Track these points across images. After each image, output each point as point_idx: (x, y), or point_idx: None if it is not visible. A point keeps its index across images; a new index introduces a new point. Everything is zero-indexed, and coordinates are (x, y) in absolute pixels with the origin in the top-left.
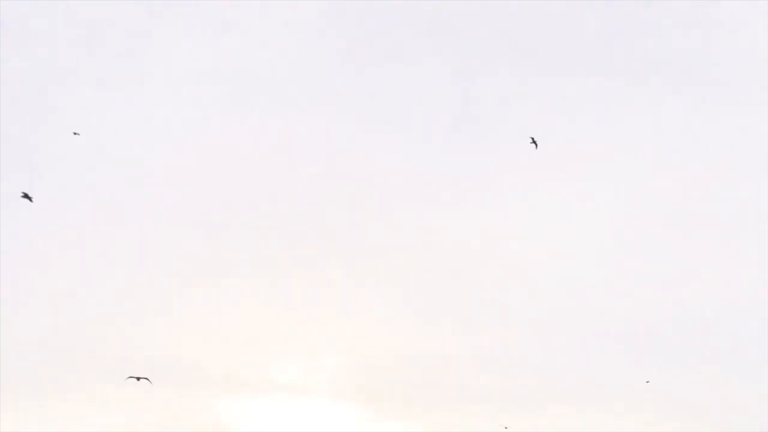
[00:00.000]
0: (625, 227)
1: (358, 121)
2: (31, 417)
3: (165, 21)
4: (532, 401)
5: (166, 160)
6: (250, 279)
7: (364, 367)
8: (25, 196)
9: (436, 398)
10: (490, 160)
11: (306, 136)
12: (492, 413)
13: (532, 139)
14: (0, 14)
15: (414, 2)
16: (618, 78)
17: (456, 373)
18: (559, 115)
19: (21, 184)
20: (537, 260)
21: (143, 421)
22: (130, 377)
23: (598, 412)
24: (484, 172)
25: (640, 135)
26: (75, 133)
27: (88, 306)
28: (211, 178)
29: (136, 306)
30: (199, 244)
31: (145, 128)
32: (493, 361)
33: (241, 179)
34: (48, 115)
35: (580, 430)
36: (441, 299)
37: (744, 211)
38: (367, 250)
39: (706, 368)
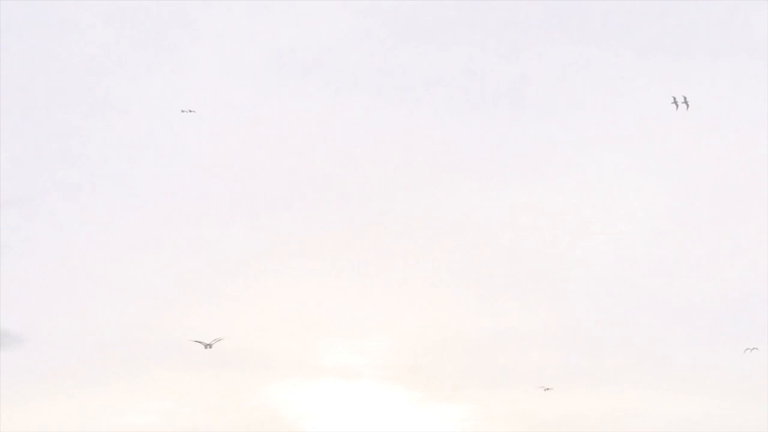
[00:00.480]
0: (684, 202)
1: (410, 101)
2: (90, 403)
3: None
4: (587, 380)
5: (218, 147)
6: (299, 263)
7: (414, 349)
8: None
9: (487, 379)
10: (544, 136)
11: (358, 117)
12: (544, 395)
13: (674, 98)
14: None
15: None
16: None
17: (508, 353)
18: (614, 89)
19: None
20: (592, 237)
21: (194, 404)
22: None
23: (657, 391)
24: (537, 150)
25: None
26: (188, 111)
27: (142, 294)
28: (264, 164)
29: (188, 293)
30: (249, 231)
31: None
32: (546, 340)
33: (293, 164)
34: (102, 105)
35: (637, 409)
36: (493, 279)
37: None
38: (417, 231)
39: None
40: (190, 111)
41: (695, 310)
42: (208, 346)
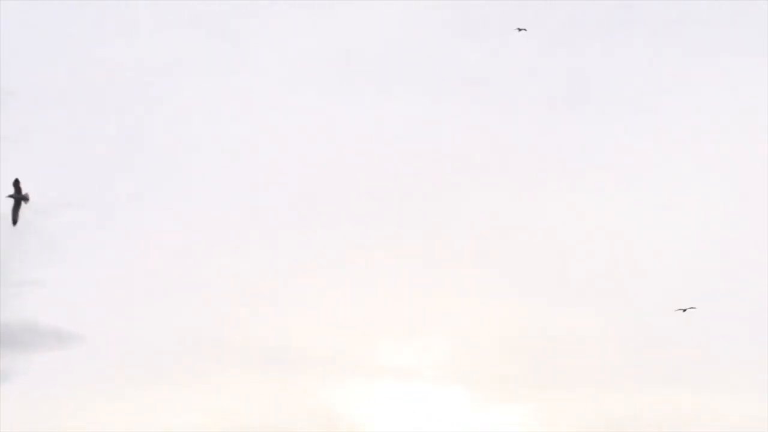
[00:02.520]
0: (748, 205)
1: (457, 100)
2: (147, 402)
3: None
4: (648, 382)
5: (274, 150)
6: (357, 264)
7: (473, 350)
8: None
9: (547, 380)
10: (595, 136)
11: (404, 117)
12: (606, 396)
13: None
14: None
15: None
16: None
17: (567, 354)
18: (672, 88)
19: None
20: (651, 239)
21: (251, 405)
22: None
23: (721, 393)
24: (589, 149)
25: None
26: None
27: (201, 296)
28: (321, 165)
29: (247, 294)
30: (307, 232)
31: (247, 115)
32: (605, 342)
33: (340, 164)
34: (158, 106)
35: (701, 410)
36: (552, 279)
37: None
38: (473, 230)
39: None
40: None
41: (762, 311)
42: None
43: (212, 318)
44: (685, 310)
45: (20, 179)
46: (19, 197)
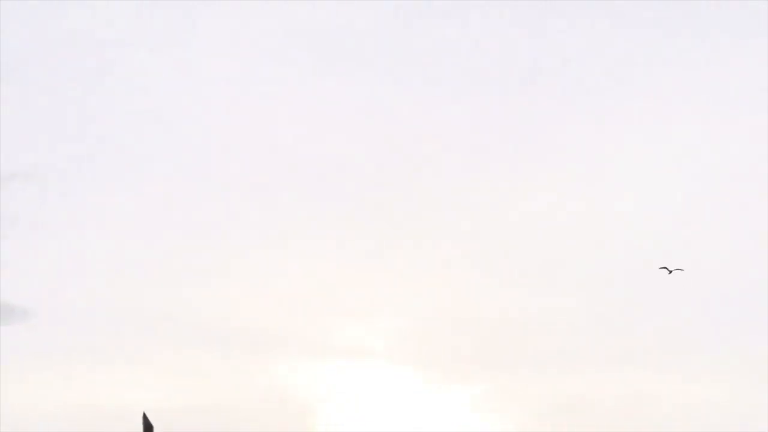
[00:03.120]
0: (712, 185)
1: (424, 81)
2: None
3: None
4: (604, 364)
5: (230, 126)
6: (311, 243)
7: (427, 330)
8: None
9: (502, 361)
10: (559, 116)
11: (369, 97)
12: (558, 377)
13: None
14: None
15: None
16: (696, 29)
17: (520, 335)
18: (635, 67)
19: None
20: (612, 218)
21: (203, 383)
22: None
23: (678, 375)
24: (554, 129)
25: (727, 87)
26: None
27: (152, 272)
28: (277, 144)
29: (199, 272)
30: (261, 210)
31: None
32: (559, 324)
33: (302, 142)
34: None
35: (657, 394)
36: (508, 260)
37: None
38: (432, 211)
39: None
40: None
41: (724, 294)
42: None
43: (164, 295)
44: (670, 271)
45: None
46: None
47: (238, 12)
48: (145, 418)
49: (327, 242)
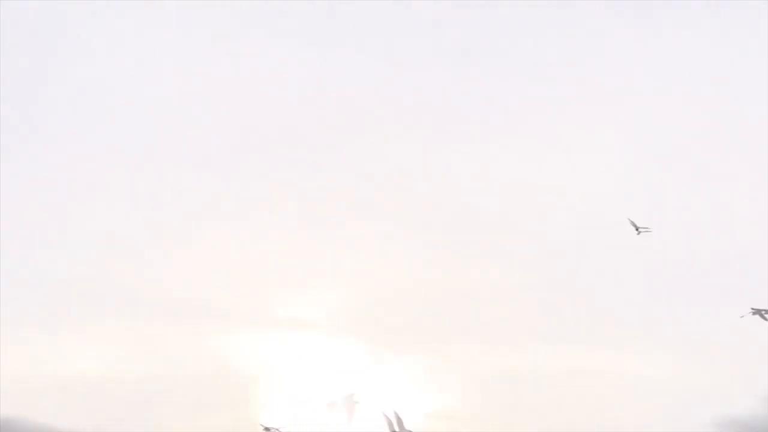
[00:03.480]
0: (646, 160)
1: (373, 53)
2: (38, 348)
3: None
4: (542, 339)
5: (175, 96)
6: (255, 215)
7: (368, 302)
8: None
9: (442, 333)
10: (496, 89)
11: (308, 70)
12: (497, 350)
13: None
14: None
15: None
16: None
17: (461, 308)
18: (570, 43)
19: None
20: (553, 193)
21: (146, 353)
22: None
23: (616, 349)
24: (491, 102)
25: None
26: None
27: (95, 241)
28: (218, 116)
29: (143, 243)
30: (206, 182)
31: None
32: (499, 297)
33: (245, 116)
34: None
35: (594, 367)
36: (450, 234)
37: None
38: (375, 185)
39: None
40: None
41: (662, 271)
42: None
43: (108, 267)
44: (638, 230)
45: None
46: None
47: None
48: None
49: (269, 216)
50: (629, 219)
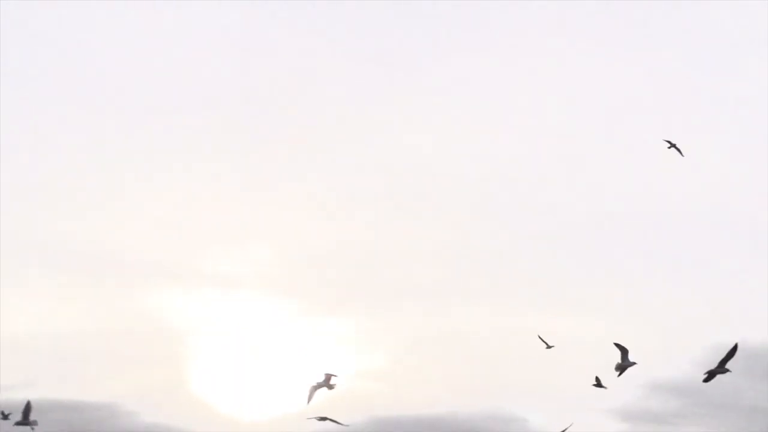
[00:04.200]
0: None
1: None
2: None
3: None
4: (474, 298)
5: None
6: (181, 168)
7: (297, 260)
8: None
9: (371, 293)
10: (435, 50)
11: (239, 28)
12: (429, 309)
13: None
14: None
15: None
16: None
17: (393, 267)
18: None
19: None
20: (481, 151)
21: (69, 310)
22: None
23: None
24: (429, 63)
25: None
26: None
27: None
28: (146, 71)
29: (67, 195)
30: (131, 134)
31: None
32: (431, 256)
33: (172, 71)
34: None
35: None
36: (379, 193)
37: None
38: (300, 139)
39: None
40: None
41: (593, 230)
42: None
43: (35, 222)
44: (672, 145)
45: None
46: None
47: None
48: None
49: (198, 171)
50: (665, 140)
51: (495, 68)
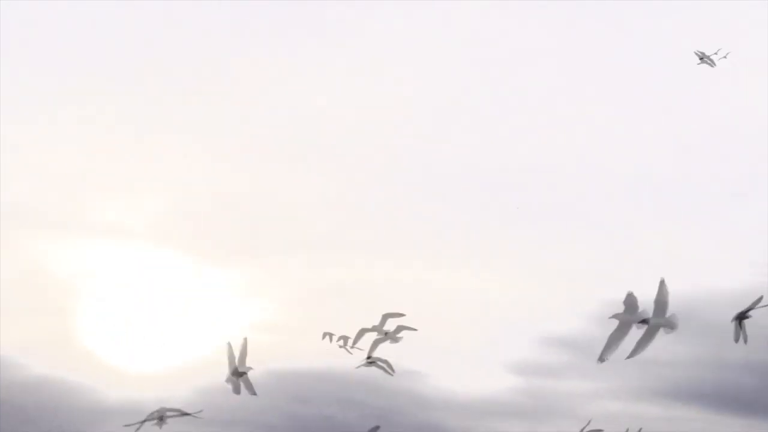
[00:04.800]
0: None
1: None
2: None
3: None
4: (372, 249)
5: None
6: (65, 114)
7: (188, 211)
8: None
9: (263, 244)
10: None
11: None
12: (321, 259)
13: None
14: None
15: None
16: None
17: (286, 218)
18: None
19: None
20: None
21: None
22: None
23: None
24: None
25: None
26: None
27: None
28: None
29: None
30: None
31: None
32: (327, 206)
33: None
34: None
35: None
36: (272, 142)
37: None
38: (192, 91)
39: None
40: None
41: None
42: None
43: None
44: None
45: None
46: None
47: None
48: None
49: (85, 116)
50: (696, 52)
51: (381, 16)
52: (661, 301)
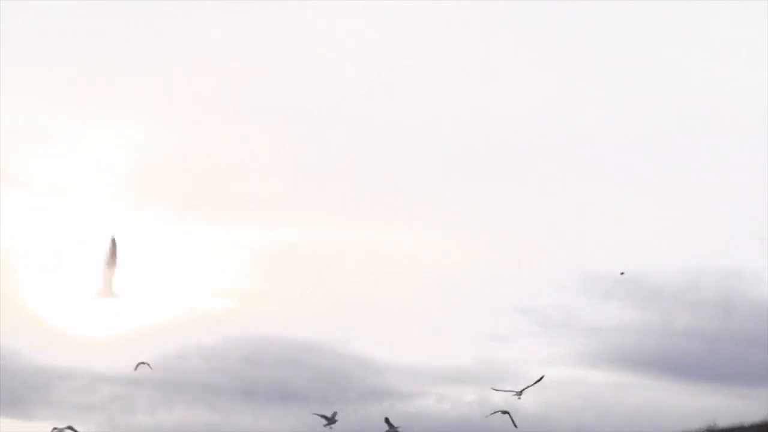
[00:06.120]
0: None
1: None
2: None
3: None
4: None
5: None
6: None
7: (138, 167)
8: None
9: (213, 205)
10: None
11: None
12: (273, 221)
13: None
14: None
15: None
16: None
17: (234, 180)
18: None
19: None
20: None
21: None
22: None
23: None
24: None
25: None
26: None
27: None
28: None
29: None
30: None
31: None
32: (275, 167)
33: None
34: None
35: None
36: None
37: None
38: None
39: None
40: None
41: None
42: None
43: None
44: None
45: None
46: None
47: None
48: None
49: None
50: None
51: None
52: None
